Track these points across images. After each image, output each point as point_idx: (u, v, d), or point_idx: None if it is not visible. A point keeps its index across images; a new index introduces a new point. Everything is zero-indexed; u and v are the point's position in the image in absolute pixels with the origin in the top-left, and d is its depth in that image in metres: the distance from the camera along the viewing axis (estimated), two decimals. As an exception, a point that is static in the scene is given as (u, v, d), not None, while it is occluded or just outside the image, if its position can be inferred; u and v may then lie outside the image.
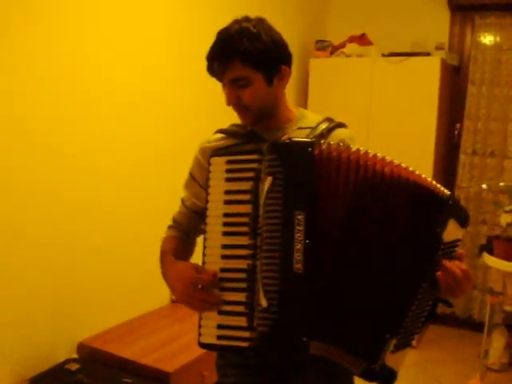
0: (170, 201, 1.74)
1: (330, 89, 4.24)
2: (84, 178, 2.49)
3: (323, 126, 1.50)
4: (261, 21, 1.45)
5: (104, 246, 2.63)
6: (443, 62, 3.96)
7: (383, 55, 4.12)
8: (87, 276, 2.55)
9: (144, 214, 2.84)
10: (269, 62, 1.42)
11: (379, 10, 4.60)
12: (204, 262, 1.38)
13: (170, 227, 1.68)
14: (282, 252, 1.25)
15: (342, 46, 4.32)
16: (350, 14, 4.71)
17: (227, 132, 1.57)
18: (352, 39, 4.33)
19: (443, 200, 1.28)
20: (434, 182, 1.28)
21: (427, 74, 3.94)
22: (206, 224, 1.40)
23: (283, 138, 1.38)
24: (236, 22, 1.43)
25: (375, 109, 4.11)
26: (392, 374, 1.30)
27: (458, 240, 1.30)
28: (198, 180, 1.59)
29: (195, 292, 1.35)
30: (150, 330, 2.71)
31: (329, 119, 1.55)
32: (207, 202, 1.40)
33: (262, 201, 1.29)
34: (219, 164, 1.39)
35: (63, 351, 2.45)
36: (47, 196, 2.32)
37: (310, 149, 1.27)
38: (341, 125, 1.55)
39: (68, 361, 2.38)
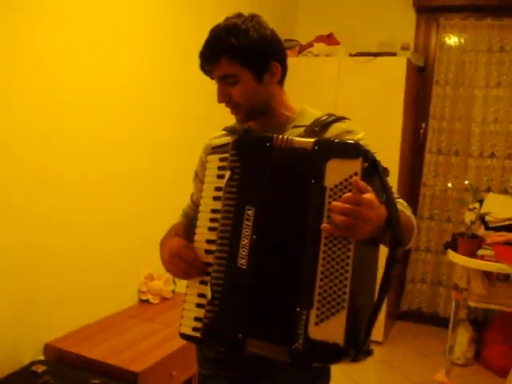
0: (137, 200, 1.73)
1: (297, 88, 4.21)
2: (45, 180, 2.44)
3: (318, 122, 1.48)
4: (252, 17, 1.45)
5: (70, 247, 2.60)
6: (409, 63, 4.01)
7: (350, 55, 4.16)
8: (53, 276, 2.52)
9: (109, 214, 2.81)
10: (256, 59, 1.42)
11: (347, 10, 4.64)
12: None
13: (181, 216, 1.74)
14: (229, 246, 1.28)
15: (310, 45, 4.35)
16: (318, 13, 4.74)
17: (228, 129, 1.59)
18: (319, 39, 4.36)
19: (306, 150, 1.24)
20: (304, 139, 1.27)
21: (393, 74, 3.99)
22: (197, 219, 1.43)
23: (243, 136, 1.39)
24: (227, 18, 1.44)
25: (342, 108, 4.13)
26: (328, 348, 1.15)
27: (355, 174, 1.16)
28: (201, 177, 1.60)
29: (177, 260, 1.38)
30: (117, 331, 2.69)
31: (329, 115, 1.52)
32: (201, 197, 1.43)
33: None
34: (214, 161, 1.42)
35: (29, 353, 2.41)
36: (9, 198, 2.27)
37: (268, 144, 1.28)
38: (339, 119, 1.51)
39: (34, 362, 2.34)
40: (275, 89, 1.52)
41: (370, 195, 1.14)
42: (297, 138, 1.28)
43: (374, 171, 1.22)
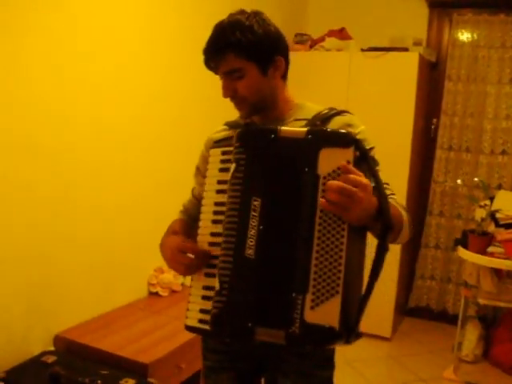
0: (147, 193, 1.74)
1: (308, 82, 4.24)
2: (58, 171, 2.46)
3: (320, 116, 1.49)
4: (255, 13, 1.46)
5: (81, 239, 2.62)
6: (421, 58, 3.99)
7: (362, 50, 4.13)
8: (64, 268, 2.54)
9: (121, 207, 2.83)
10: (262, 53, 1.44)
11: (359, 4, 4.62)
12: None
13: (180, 212, 1.76)
14: (237, 237, 1.29)
15: (322, 39, 4.33)
16: (330, 8, 4.72)
17: (229, 124, 1.60)
18: (331, 33, 4.34)
19: (299, 139, 1.27)
20: (300, 129, 1.29)
21: (405, 70, 3.97)
22: (200, 212, 1.45)
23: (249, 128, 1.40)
24: (231, 15, 1.45)
25: (353, 103, 4.12)
26: (327, 332, 1.18)
27: (348, 162, 1.19)
28: (202, 171, 1.61)
29: (180, 256, 1.40)
30: (127, 323, 2.70)
31: (330, 109, 1.53)
32: (204, 191, 1.45)
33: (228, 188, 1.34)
34: (216, 155, 1.44)
35: (40, 344, 2.44)
36: (21, 190, 2.29)
37: (272, 135, 1.30)
38: (340, 112, 1.52)
39: (44, 353, 2.36)
40: (278, 83, 1.55)
41: (362, 178, 1.18)
42: (291, 128, 1.31)
43: (364, 160, 1.25)
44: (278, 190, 1.29)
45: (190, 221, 1.69)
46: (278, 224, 1.28)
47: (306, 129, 1.28)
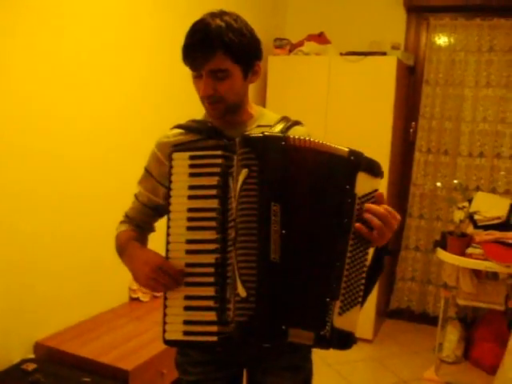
0: (126, 197, 1.73)
1: (288, 86, 4.27)
2: (41, 176, 2.45)
3: (281, 125, 1.54)
4: (238, 16, 1.46)
5: (60, 244, 2.60)
6: (399, 62, 4.03)
7: (341, 54, 4.16)
8: (43, 275, 2.51)
9: (100, 212, 2.81)
10: (248, 57, 1.45)
11: (337, 9, 4.65)
12: (168, 258, 1.39)
13: (122, 222, 1.68)
14: (259, 243, 1.27)
15: (301, 44, 4.35)
16: (309, 12, 4.75)
17: (186, 127, 1.56)
18: (310, 38, 4.37)
19: (343, 158, 1.33)
20: (333, 145, 1.33)
21: (383, 74, 4.00)
22: (168, 219, 1.40)
23: (252, 133, 1.37)
24: (214, 14, 1.42)
25: (333, 107, 4.16)
26: (347, 337, 1.32)
27: (375, 190, 1.36)
28: (155, 175, 1.58)
29: (159, 275, 1.36)
30: (107, 329, 2.69)
31: (285, 118, 1.58)
32: (169, 197, 1.40)
33: (235, 193, 1.31)
34: (182, 159, 1.40)
35: (19, 351, 2.41)
36: (0, 194, 2.27)
37: (283, 142, 1.30)
38: (297, 123, 1.59)
39: (24, 361, 2.34)
40: (248, 88, 1.55)
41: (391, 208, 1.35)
42: (325, 143, 1.33)
43: None
44: (307, 198, 1.31)
45: (138, 230, 1.64)
46: (304, 230, 1.30)
47: (347, 149, 1.33)
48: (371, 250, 1.39)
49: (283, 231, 1.27)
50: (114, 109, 2.86)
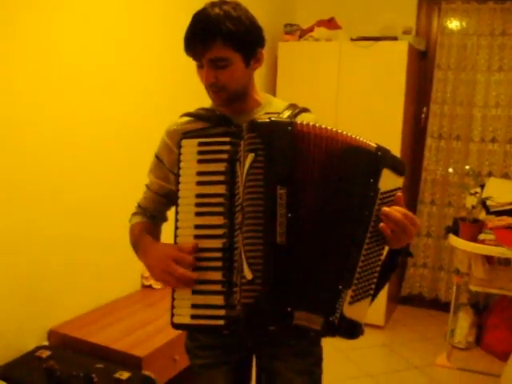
0: (137, 187, 1.73)
1: (298, 72, 4.25)
2: (47, 168, 2.45)
3: (289, 111, 1.54)
4: (238, 4, 1.46)
5: (74, 233, 2.61)
6: (410, 47, 3.99)
7: (351, 39, 4.13)
8: (57, 263, 2.53)
9: (114, 200, 2.82)
10: (248, 44, 1.44)
11: (347, -6, 4.61)
12: (176, 243, 1.40)
13: (135, 214, 1.69)
14: (265, 226, 1.27)
15: (311, 29, 4.33)
16: (319, -3, 4.71)
17: (195, 115, 1.57)
18: (320, 23, 4.34)
19: (371, 152, 1.34)
20: (362, 139, 1.34)
21: (395, 59, 3.97)
22: (177, 205, 1.41)
23: (259, 119, 1.38)
24: (214, 4, 1.43)
25: (343, 92, 4.14)
26: (355, 327, 1.33)
27: (398, 188, 1.37)
28: (166, 163, 1.59)
29: (175, 269, 1.35)
30: (120, 316, 2.70)
31: (293, 105, 1.58)
32: (178, 183, 1.41)
33: (242, 178, 1.31)
34: (191, 146, 1.41)
35: (34, 338, 2.44)
36: (15, 184, 2.29)
37: (289, 127, 1.29)
38: (305, 110, 1.59)
39: (38, 348, 2.36)
40: (252, 75, 1.54)
41: (411, 213, 1.35)
42: (334, 129, 1.33)
43: None
44: (322, 184, 1.31)
45: (151, 221, 1.65)
46: (312, 215, 1.30)
47: (374, 144, 1.34)
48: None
49: (289, 214, 1.27)
50: (123, 109, 2.86)
